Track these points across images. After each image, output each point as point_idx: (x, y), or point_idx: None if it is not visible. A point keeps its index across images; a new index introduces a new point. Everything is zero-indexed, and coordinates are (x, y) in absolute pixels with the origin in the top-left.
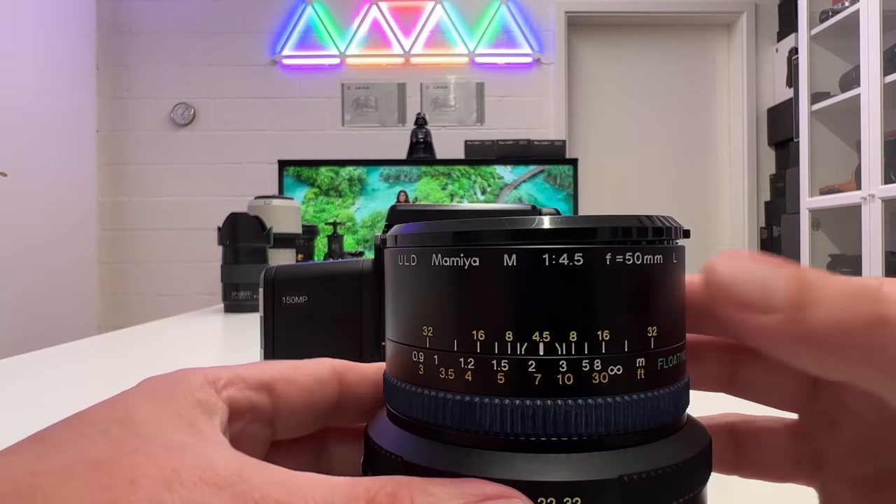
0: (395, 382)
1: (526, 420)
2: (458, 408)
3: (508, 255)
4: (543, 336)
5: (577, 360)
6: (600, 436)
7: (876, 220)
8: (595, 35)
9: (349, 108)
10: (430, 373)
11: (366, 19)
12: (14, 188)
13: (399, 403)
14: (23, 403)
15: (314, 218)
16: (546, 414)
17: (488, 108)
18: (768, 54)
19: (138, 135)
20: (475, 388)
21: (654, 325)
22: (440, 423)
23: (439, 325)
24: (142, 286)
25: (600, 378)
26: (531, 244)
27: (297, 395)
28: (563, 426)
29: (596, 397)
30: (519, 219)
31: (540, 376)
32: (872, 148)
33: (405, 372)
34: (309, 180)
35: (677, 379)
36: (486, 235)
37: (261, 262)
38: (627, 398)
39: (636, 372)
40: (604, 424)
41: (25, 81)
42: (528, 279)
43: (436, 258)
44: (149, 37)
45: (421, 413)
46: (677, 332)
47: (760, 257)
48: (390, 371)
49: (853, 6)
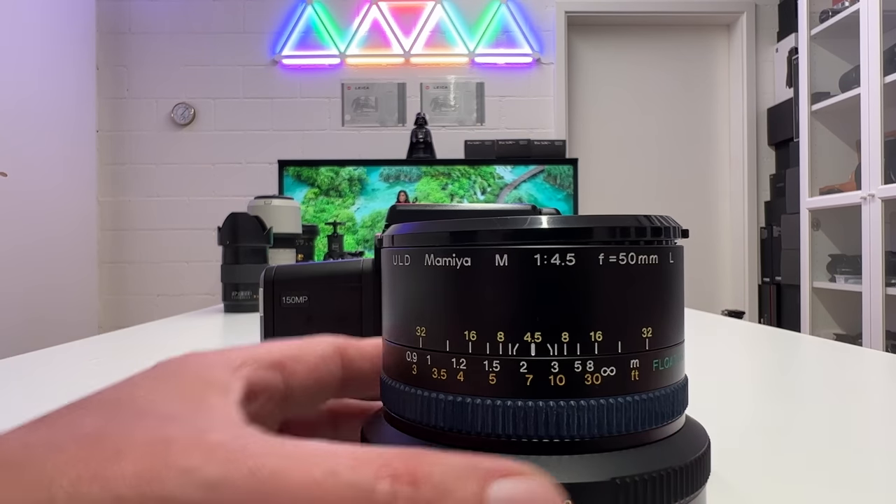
0: (390, 382)
1: (518, 421)
2: (450, 408)
3: (500, 255)
4: (535, 337)
5: (570, 362)
6: (593, 438)
7: (876, 219)
8: (595, 35)
9: (349, 108)
10: (423, 373)
11: (366, 19)
12: (14, 188)
13: (393, 403)
14: (23, 403)
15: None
16: (538, 415)
17: (488, 108)
18: (768, 54)
19: (138, 135)
20: (467, 388)
21: (648, 326)
22: (433, 424)
23: (432, 325)
24: (142, 286)
25: (593, 379)
26: (523, 244)
27: (304, 372)
28: (556, 428)
29: (589, 399)
30: (511, 219)
31: (532, 377)
32: (872, 148)
33: (399, 372)
34: (309, 180)
35: (674, 380)
36: (479, 236)
37: (261, 262)
38: (621, 400)
39: (630, 373)
40: (597, 426)
41: (26, 82)
42: (519, 279)
43: (429, 258)
44: (149, 37)
45: (414, 413)
46: (674, 332)
47: None
48: (385, 371)
49: (853, 6)
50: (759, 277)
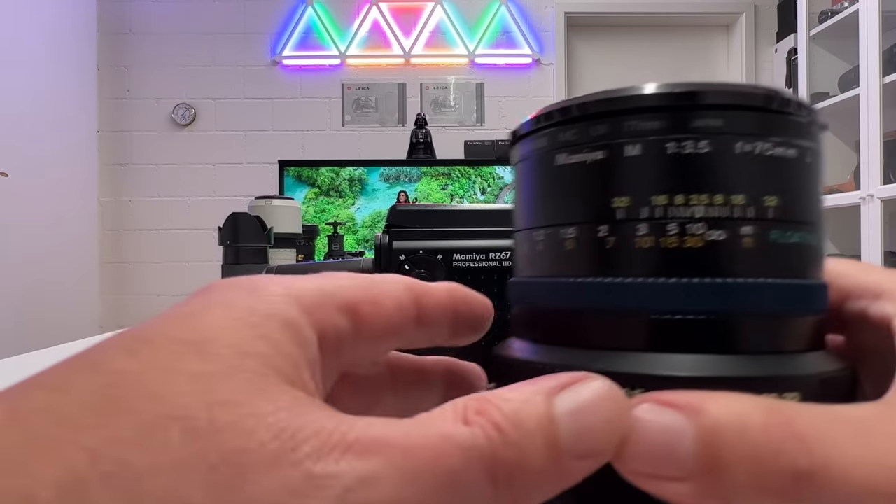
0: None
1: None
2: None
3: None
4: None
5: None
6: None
7: (875, 220)
8: (595, 35)
9: (349, 108)
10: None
11: (366, 20)
12: (15, 188)
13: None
14: None
15: (314, 218)
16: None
17: (488, 109)
18: (767, 55)
19: (139, 135)
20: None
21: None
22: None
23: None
24: (142, 286)
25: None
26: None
27: (379, 321)
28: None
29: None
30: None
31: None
32: (872, 148)
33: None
34: (309, 180)
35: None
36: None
37: (261, 262)
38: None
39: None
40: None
41: (26, 82)
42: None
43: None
44: (149, 37)
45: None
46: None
47: (673, 399)
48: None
49: (852, 6)
50: None
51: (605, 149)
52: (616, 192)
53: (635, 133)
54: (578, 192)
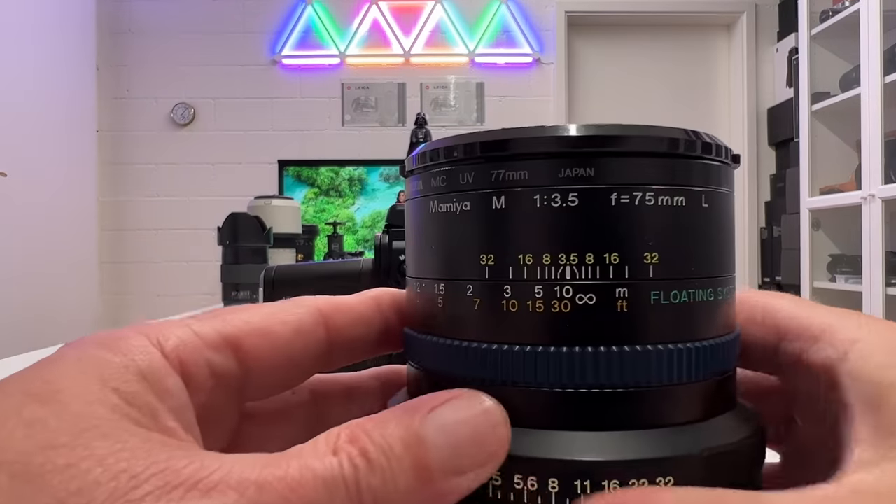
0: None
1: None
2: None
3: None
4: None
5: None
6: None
7: (876, 220)
8: (595, 35)
9: (349, 108)
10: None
11: (366, 19)
12: (14, 188)
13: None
14: None
15: (314, 218)
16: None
17: (488, 108)
18: (768, 54)
19: (138, 135)
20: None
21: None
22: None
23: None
24: (142, 286)
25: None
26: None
27: (272, 350)
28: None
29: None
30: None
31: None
32: (872, 148)
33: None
34: (309, 180)
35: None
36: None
37: (261, 262)
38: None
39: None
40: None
41: (25, 82)
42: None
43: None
44: (149, 37)
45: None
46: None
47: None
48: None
49: (853, 6)
50: (760, 278)
51: (470, 200)
52: (483, 248)
53: (502, 184)
54: (448, 246)
